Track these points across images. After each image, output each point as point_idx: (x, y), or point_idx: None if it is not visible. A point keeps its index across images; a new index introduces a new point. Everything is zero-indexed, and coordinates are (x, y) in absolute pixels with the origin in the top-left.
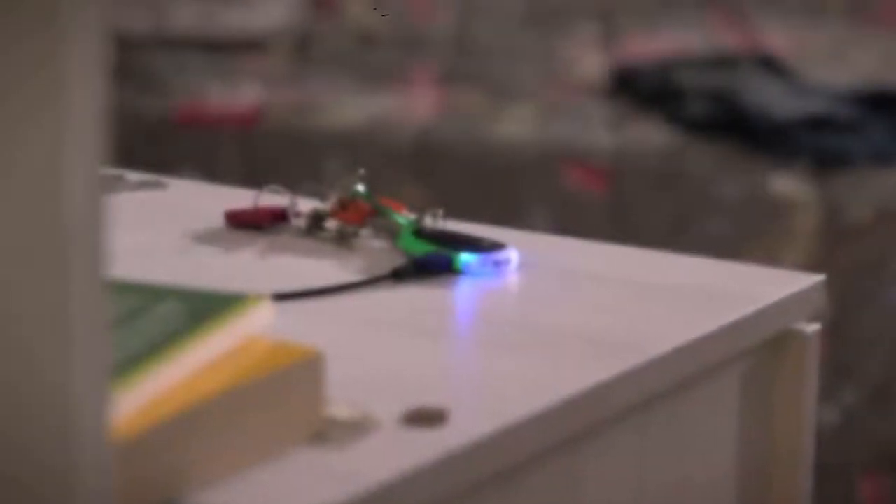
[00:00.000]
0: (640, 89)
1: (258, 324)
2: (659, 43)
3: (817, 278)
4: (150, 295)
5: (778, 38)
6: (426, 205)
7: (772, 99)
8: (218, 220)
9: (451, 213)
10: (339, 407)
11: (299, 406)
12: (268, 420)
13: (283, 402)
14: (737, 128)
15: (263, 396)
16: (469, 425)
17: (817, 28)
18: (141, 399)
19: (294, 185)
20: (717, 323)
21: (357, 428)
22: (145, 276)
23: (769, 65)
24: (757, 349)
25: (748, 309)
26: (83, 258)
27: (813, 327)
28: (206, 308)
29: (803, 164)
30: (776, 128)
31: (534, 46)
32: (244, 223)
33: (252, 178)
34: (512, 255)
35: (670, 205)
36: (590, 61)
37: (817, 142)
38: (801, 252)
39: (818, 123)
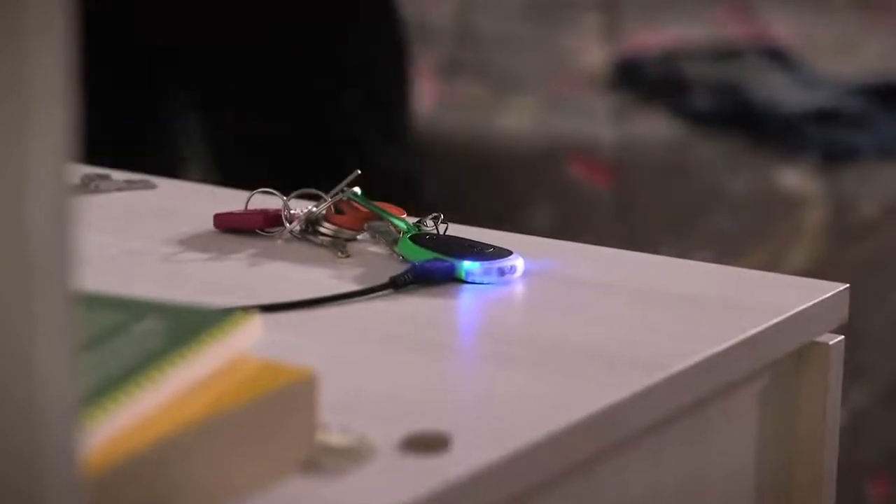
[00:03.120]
0: (644, 81)
1: (246, 342)
2: (663, 34)
3: (840, 287)
4: (129, 311)
5: (784, 29)
6: (425, 198)
7: (778, 91)
8: (207, 223)
9: (451, 208)
10: (332, 432)
11: (290, 432)
12: (256, 448)
13: (273, 429)
14: (743, 121)
15: (251, 422)
16: (472, 451)
17: (824, 19)
18: (116, 427)
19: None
20: (737, 336)
21: (352, 455)
22: (127, 284)
23: (775, 56)
24: (776, 363)
25: (769, 321)
26: (49, 274)
27: (836, 339)
28: (188, 325)
29: (811, 159)
30: (783, 121)
31: (536, 37)
32: (234, 227)
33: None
34: (517, 262)
35: (675, 199)
36: (593, 53)
37: (825, 136)
38: (809, 248)
39: (826, 117)
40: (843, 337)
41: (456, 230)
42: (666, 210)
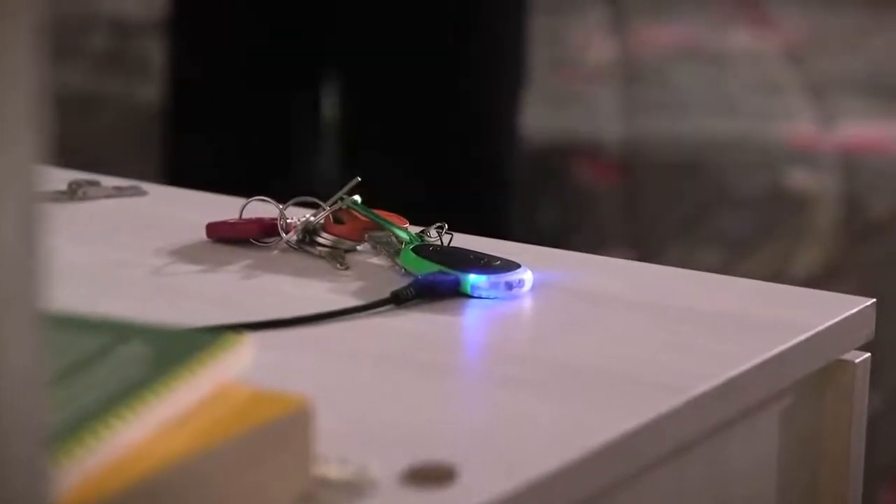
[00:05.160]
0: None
1: (236, 367)
2: (670, 29)
3: (867, 302)
4: (110, 334)
5: (793, 25)
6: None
7: None
8: (200, 233)
9: None
10: (329, 464)
11: (284, 466)
12: (246, 484)
13: (265, 463)
14: None
15: (241, 457)
16: (481, 483)
17: (833, 16)
18: (94, 465)
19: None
20: (761, 356)
21: (351, 489)
22: (113, 298)
23: None
24: (800, 382)
25: (794, 339)
26: (17, 293)
27: (862, 357)
28: (174, 350)
29: None
30: None
31: (541, 32)
32: (227, 237)
33: None
34: (526, 275)
35: (683, 198)
36: (599, 48)
37: None
38: (820, 248)
39: None
40: (868, 354)
41: (461, 240)
42: (674, 209)
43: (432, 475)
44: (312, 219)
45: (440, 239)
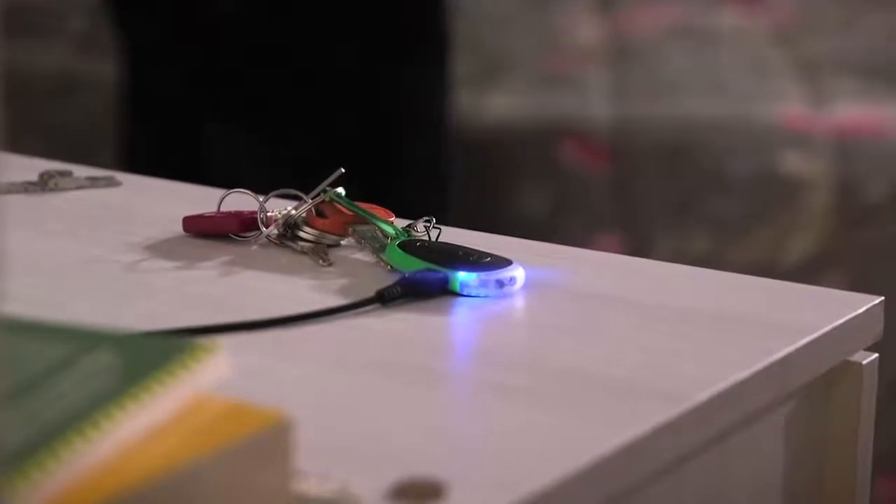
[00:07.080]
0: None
1: (210, 378)
2: (660, 9)
3: (875, 300)
4: (74, 342)
5: (784, 4)
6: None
7: None
8: (176, 226)
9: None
10: (309, 480)
11: (261, 484)
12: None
13: (241, 482)
14: None
15: (216, 474)
16: (471, 500)
17: None
18: (56, 489)
19: None
20: (765, 360)
21: None
22: (80, 300)
23: None
24: (805, 385)
25: (799, 341)
26: None
27: (869, 357)
28: (144, 359)
29: None
30: None
31: (527, 13)
32: (205, 231)
33: None
34: (517, 272)
35: (674, 182)
36: (587, 28)
37: None
38: (814, 233)
39: None
40: (876, 355)
41: (450, 235)
42: (664, 192)
43: (419, 492)
44: (294, 212)
45: (428, 234)
